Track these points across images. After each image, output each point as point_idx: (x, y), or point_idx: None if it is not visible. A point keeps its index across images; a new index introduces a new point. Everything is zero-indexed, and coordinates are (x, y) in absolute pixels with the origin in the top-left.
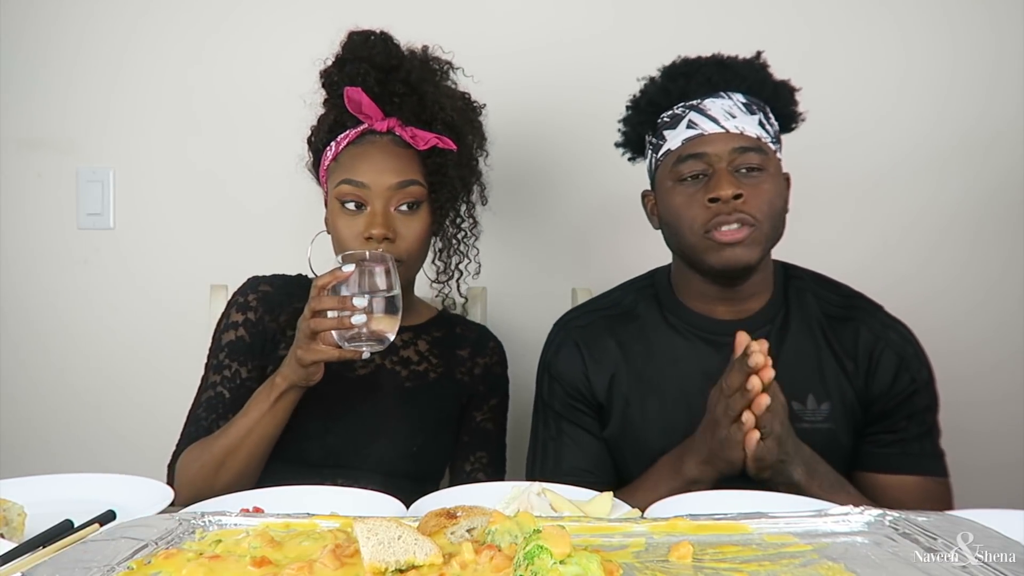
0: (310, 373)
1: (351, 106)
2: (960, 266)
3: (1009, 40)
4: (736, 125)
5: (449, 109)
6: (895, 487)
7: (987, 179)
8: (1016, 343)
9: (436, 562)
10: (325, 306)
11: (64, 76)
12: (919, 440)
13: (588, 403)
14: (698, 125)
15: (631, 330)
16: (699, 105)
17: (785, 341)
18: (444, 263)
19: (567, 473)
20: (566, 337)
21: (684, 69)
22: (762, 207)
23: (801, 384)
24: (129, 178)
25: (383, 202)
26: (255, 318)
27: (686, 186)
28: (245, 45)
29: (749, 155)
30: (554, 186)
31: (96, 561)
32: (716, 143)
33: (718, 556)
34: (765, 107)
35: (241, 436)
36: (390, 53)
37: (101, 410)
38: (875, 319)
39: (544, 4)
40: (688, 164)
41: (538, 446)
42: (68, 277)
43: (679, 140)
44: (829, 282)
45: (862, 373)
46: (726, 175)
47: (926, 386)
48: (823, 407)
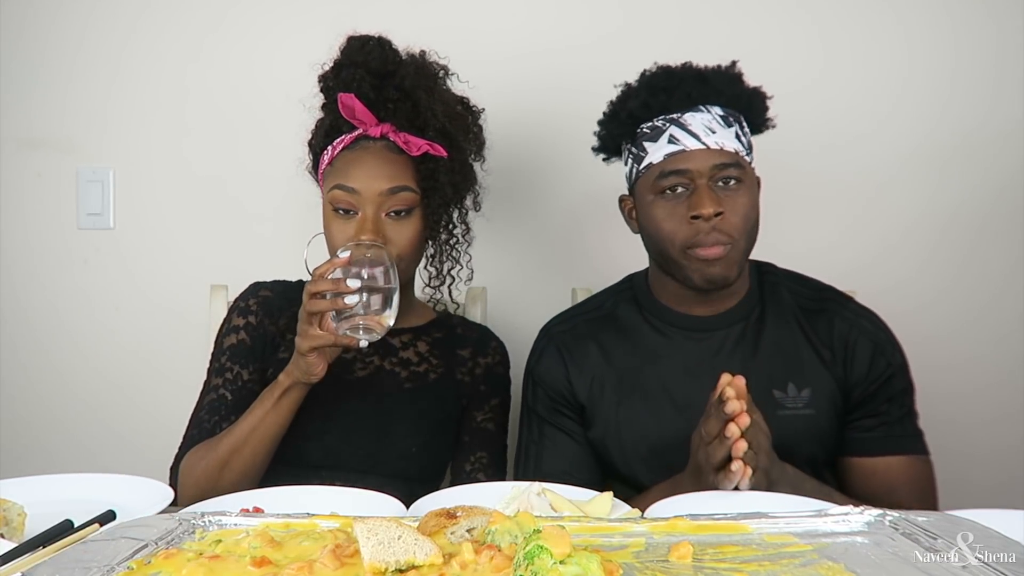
0: (310, 366)
1: (345, 112)
2: (961, 268)
3: (1012, 42)
4: (716, 141)
5: (442, 116)
6: (882, 468)
7: (989, 181)
8: (1018, 343)
9: (436, 562)
10: (321, 288)
11: (64, 76)
12: (900, 422)
13: (570, 406)
14: (679, 141)
15: (611, 332)
16: (679, 119)
17: (763, 333)
18: (436, 269)
19: (547, 475)
20: (548, 343)
21: (665, 83)
22: (739, 224)
23: (781, 373)
24: (129, 178)
25: (374, 208)
26: (255, 322)
27: (667, 200)
28: (245, 45)
29: (728, 170)
30: (554, 187)
31: (96, 561)
32: (697, 159)
33: (718, 556)
34: (740, 117)
35: (245, 435)
36: (386, 58)
37: (101, 410)
38: (847, 309)
39: (544, 11)
40: (670, 179)
41: (521, 450)
42: (68, 277)
43: (661, 155)
44: (801, 277)
45: (840, 361)
46: (707, 192)
47: (901, 369)
48: (803, 394)
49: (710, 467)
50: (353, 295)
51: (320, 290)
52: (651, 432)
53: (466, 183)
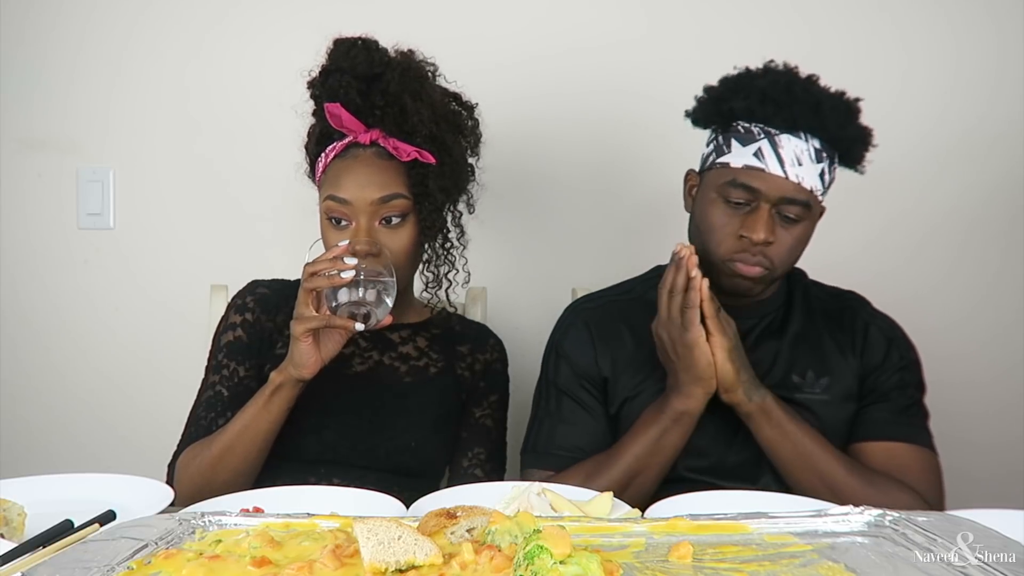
0: (302, 355)
1: (333, 121)
2: (956, 265)
3: (1011, 41)
4: (798, 174)
5: (429, 121)
6: (883, 453)
7: (987, 180)
8: (1015, 342)
9: (436, 562)
10: (320, 267)
11: (64, 76)
12: (907, 410)
13: (594, 383)
14: (764, 158)
15: (641, 315)
16: (775, 137)
17: (788, 323)
18: (433, 273)
19: (558, 447)
20: (576, 318)
21: (777, 96)
22: (783, 255)
23: (802, 361)
24: (129, 178)
25: (367, 218)
26: (252, 319)
27: (728, 207)
28: (245, 45)
29: (795, 207)
30: (554, 187)
31: (96, 561)
32: (771, 184)
33: (718, 556)
34: (835, 155)
35: (237, 433)
36: (372, 62)
37: (101, 410)
38: (864, 310)
39: (553, 15)
40: (738, 191)
41: (534, 423)
42: (68, 277)
43: (741, 162)
44: (819, 283)
45: (858, 351)
46: (766, 218)
47: (913, 365)
48: (822, 381)
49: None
50: (350, 271)
51: (318, 269)
52: None
53: (457, 188)
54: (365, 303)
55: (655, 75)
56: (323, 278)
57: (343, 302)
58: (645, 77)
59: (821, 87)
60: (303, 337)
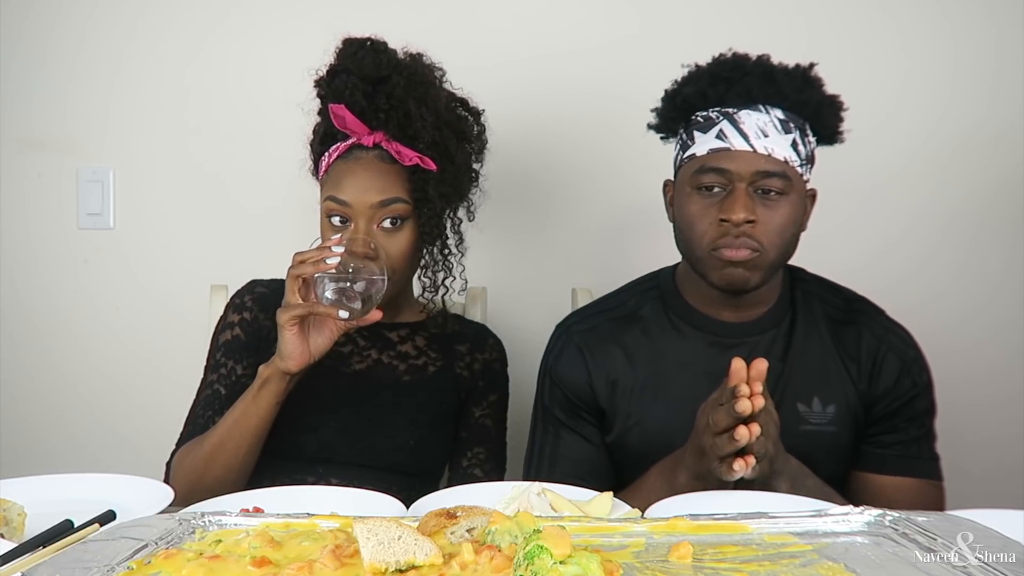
0: (289, 345)
1: (337, 122)
2: (960, 268)
3: (1010, 43)
4: (766, 145)
5: (433, 126)
6: (891, 488)
7: (988, 181)
8: (1016, 344)
9: (436, 562)
10: (307, 255)
11: (64, 76)
12: (917, 443)
13: (590, 409)
14: (727, 138)
15: (635, 333)
16: (734, 115)
17: (791, 344)
18: (431, 279)
19: (560, 479)
20: (568, 341)
21: (728, 73)
22: (771, 235)
23: (807, 387)
24: (129, 178)
25: (366, 220)
26: (250, 318)
27: (702, 196)
28: (246, 45)
29: (771, 179)
30: (554, 187)
31: (96, 561)
32: (740, 161)
33: (718, 556)
34: (804, 124)
35: (227, 428)
36: (379, 64)
37: (101, 410)
38: (877, 323)
39: (553, 15)
40: (709, 176)
41: (535, 449)
42: (68, 277)
43: (705, 148)
44: (832, 286)
45: (865, 375)
46: (742, 198)
47: (926, 389)
48: (828, 410)
49: (714, 455)
50: (335, 257)
51: (305, 257)
52: (672, 440)
53: (458, 194)
54: (352, 294)
55: (655, 76)
56: (308, 265)
57: (331, 295)
58: (645, 78)
59: (770, 60)
60: (288, 326)
